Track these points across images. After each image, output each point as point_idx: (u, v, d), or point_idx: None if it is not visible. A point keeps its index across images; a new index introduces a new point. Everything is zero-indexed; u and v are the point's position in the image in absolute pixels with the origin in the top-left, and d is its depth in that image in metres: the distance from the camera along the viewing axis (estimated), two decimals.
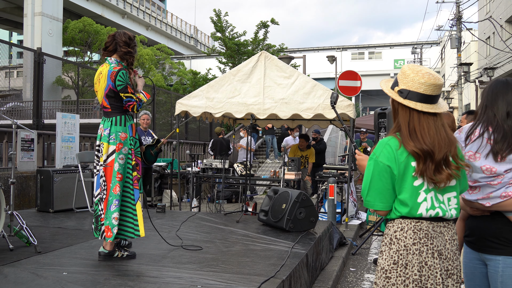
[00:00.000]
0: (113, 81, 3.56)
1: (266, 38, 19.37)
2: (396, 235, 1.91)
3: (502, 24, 22.76)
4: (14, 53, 27.69)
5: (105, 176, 3.58)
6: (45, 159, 8.17)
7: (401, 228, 1.90)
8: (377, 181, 1.91)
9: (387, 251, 1.92)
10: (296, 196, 4.95)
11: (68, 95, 21.22)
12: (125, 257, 3.68)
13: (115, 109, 3.64)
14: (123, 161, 3.61)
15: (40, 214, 6.09)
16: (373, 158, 1.92)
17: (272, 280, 3.12)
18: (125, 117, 3.68)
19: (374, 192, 1.92)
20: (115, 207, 3.55)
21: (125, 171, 3.63)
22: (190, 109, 7.51)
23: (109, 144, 3.59)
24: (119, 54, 3.71)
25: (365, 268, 5.22)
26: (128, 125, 3.69)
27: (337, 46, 46.18)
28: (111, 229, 3.53)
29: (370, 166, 1.93)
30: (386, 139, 1.94)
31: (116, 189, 3.56)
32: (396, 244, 1.89)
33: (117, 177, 3.56)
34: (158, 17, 42.86)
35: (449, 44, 24.16)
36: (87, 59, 29.23)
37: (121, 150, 3.60)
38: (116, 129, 3.61)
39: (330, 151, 15.70)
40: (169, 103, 13.89)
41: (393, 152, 1.88)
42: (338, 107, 6.77)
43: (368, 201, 1.95)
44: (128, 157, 3.65)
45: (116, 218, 3.54)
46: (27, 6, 27.23)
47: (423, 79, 1.89)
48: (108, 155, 3.59)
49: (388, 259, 1.91)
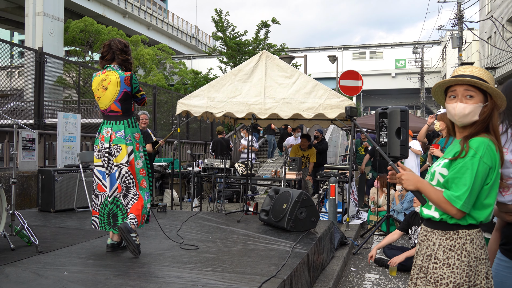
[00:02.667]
0: (129, 85, 3.85)
1: (267, 37, 19.36)
2: (467, 248, 1.86)
3: (504, 23, 22.72)
4: (16, 53, 27.71)
5: (132, 174, 3.86)
6: (46, 159, 8.18)
7: (470, 240, 1.87)
8: (479, 182, 1.82)
9: (458, 264, 1.86)
10: (297, 196, 4.95)
11: (69, 95, 21.24)
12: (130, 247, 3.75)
13: (126, 112, 3.90)
14: (143, 159, 3.96)
15: (41, 213, 6.10)
16: (477, 157, 1.82)
17: (273, 279, 3.12)
18: (133, 119, 3.95)
19: (474, 193, 1.82)
20: (146, 198, 3.92)
21: (146, 166, 3.99)
22: (191, 109, 7.51)
23: (127, 145, 3.83)
24: (117, 62, 3.93)
25: (366, 267, 5.21)
26: (137, 125, 3.98)
27: (338, 45, 46.13)
28: (145, 217, 3.93)
29: (473, 165, 1.82)
30: (486, 140, 1.85)
31: (143, 183, 3.92)
32: (467, 256, 1.86)
33: (142, 173, 3.92)
34: (159, 17, 42.86)
35: (451, 44, 24.14)
36: (88, 59, 29.24)
37: (140, 149, 3.93)
38: (131, 131, 3.88)
39: (331, 151, 15.69)
40: (170, 103, 13.89)
41: (496, 154, 1.83)
42: (339, 107, 6.78)
43: (466, 203, 1.82)
44: (145, 154, 4.02)
45: (148, 207, 3.95)
46: (28, 6, 27.24)
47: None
48: (128, 154, 3.84)
49: (460, 273, 1.85)
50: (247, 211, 7.01)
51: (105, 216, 3.91)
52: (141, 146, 3.96)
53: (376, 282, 4.69)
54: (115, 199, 3.88)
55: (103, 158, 3.86)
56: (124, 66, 3.95)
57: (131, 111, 3.94)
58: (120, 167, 3.80)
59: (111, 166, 3.83)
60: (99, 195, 3.93)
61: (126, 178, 3.82)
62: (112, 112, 3.86)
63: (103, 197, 3.90)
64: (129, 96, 3.88)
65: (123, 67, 3.94)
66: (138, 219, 3.78)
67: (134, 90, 3.89)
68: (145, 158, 3.98)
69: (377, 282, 4.69)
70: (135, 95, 3.92)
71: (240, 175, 7.73)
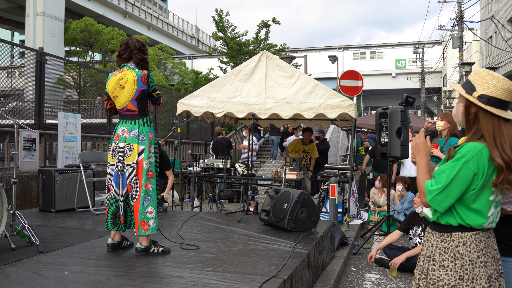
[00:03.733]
0: (146, 84, 3.82)
1: (268, 37, 19.35)
2: (459, 250, 1.88)
3: (504, 23, 22.71)
4: (16, 53, 27.68)
5: (137, 174, 3.79)
6: (47, 159, 8.18)
7: (463, 242, 1.88)
8: (457, 184, 1.83)
9: (451, 266, 1.89)
10: (297, 196, 4.95)
11: (70, 95, 21.22)
12: (160, 252, 3.83)
13: (142, 111, 3.86)
14: (152, 160, 3.86)
15: (42, 213, 6.10)
16: (462, 160, 1.83)
17: (273, 279, 3.12)
18: (149, 118, 3.92)
19: (449, 193, 1.84)
20: (147, 201, 3.78)
21: (155, 168, 3.87)
22: (192, 109, 7.51)
23: (138, 144, 3.79)
24: (134, 61, 3.92)
25: (366, 267, 5.21)
26: (152, 126, 3.94)
27: (338, 45, 46.14)
28: (147, 222, 3.76)
29: (455, 167, 1.84)
30: (479, 145, 1.84)
31: (148, 185, 3.80)
32: (461, 259, 1.87)
33: (148, 174, 3.80)
34: (159, 17, 42.87)
35: (451, 44, 24.13)
36: (89, 59, 29.26)
37: (150, 149, 3.84)
38: (145, 130, 3.83)
39: (332, 151, 15.67)
40: (171, 103, 13.90)
41: (485, 162, 1.82)
42: (339, 107, 6.78)
43: (435, 199, 1.86)
44: (156, 155, 3.91)
45: (150, 211, 3.79)
46: (29, 6, 27.26)
47: (506, 86, 1.86)
48: (139, 154, 3.79)
49: (453, 275, 1.88)
50: (248, 211, 7.01)
51: (110, 216, 3.92)
52: (153, 147, 3.88)
53: (377, 282, 4.69)
54: (127, 198, 3.89)
55: (117, 158, 3.86)
56: (141, 65, 3.94)
57: (147, 110, 3.92)
58: (131, 166, 3.80)
59: (123, 165, 3.83)
60: (107, 194, 3.95)
61: (133, 178, 3.81)
62: (129, 111, 3.86)
63: (110, 196, 3.92)
64: (145, 95, 3.87)
65: (139, 66, 3.92)
66: (143, 227, 3.76)
67: (151, 89, 3.88)
68: (155, 159, 3.89)
69: (377, 282, 4.69)
70: (151, 94, 3.91)
71: (241, 175, 7.73)
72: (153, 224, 3.78)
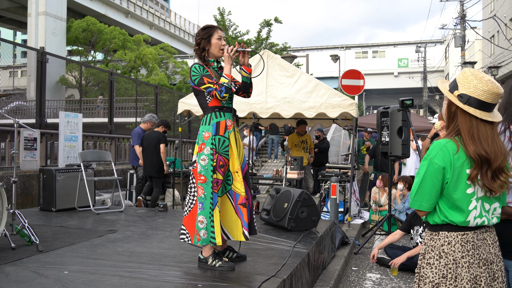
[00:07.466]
0: (190, 78, 3.41)
1: (269, 37, 19.36)
2: (444, 249, 1.91)
3: (507, 22, 22.65)
4: (18, 53, 27.73)
5: (194, 178, 3.40)
6: (48, 158, 8.19)
7: (448, 242, 1.91)
8: (428, 181, 1.90)
9: (436, 264, 1.93)
10: (298, 195, 4.94)
11: (72, 94, 21.25)
12: (217, 267, 3.33)
13: (204, 108, 3.45)
14: (205, 162, 3.31)
15: (42, 213, 6.11)
16: (428, 159, 1.91)
17: (273, 279, 3.11)
18: (211, 115, 3.39)
19: (423, 192, 1.91)
20: (199, 210, 3.30)
21: (208, 173, 3.30)
22: (193, 108, 7.51)
23: (196, 144, 3.43)
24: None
25: (367, 267, 5.20)
26: (212, 123, 3.36)
27: (340, 45, 46.14)
28: (198, 232, 3.30)
29: (423, 166, 1.92)
30: (443, 141, 1.92)
31: (199, 191, 3.32)
32: (445, 258, 1.91)
33: (200, 179, 3.31)
34: (161, 16, 42.87)
35: (453, 43, 24.07)
36: (91, 59, 29.29)
37: (203, 151, 3.32)
38: (202, 129, 3.39)
39: (333, 150, 15.65)
40: (172, 102, 13.91)
41: (450, 155, 1.87)
42: (341, 106, 6.76)
43: (415, 201, 1.95)
44: (210, 158, 3.31)
45: (201, 221, 3.29)
46: (31, 5, 27.29)
47: (486, 87, 1.88)
48: (197, 154, 3.38)
49: (437, 273, 1.92)
50: None
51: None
52: (207, 148, 3.31)
53: (377, 281, 4.68)
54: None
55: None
56: (198, 56, 3.50)
57: (207, 106, 3.40)
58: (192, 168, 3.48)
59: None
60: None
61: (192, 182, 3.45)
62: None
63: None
64: (197, 90, 3.41)
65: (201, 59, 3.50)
66: (190, 234, 3.39)
67: (195, 83, 3.36)
68: (209, 162, 3.30)
69: (378, 281, 4.68)
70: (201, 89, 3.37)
71: None
72: (204, 235, 3.26)
